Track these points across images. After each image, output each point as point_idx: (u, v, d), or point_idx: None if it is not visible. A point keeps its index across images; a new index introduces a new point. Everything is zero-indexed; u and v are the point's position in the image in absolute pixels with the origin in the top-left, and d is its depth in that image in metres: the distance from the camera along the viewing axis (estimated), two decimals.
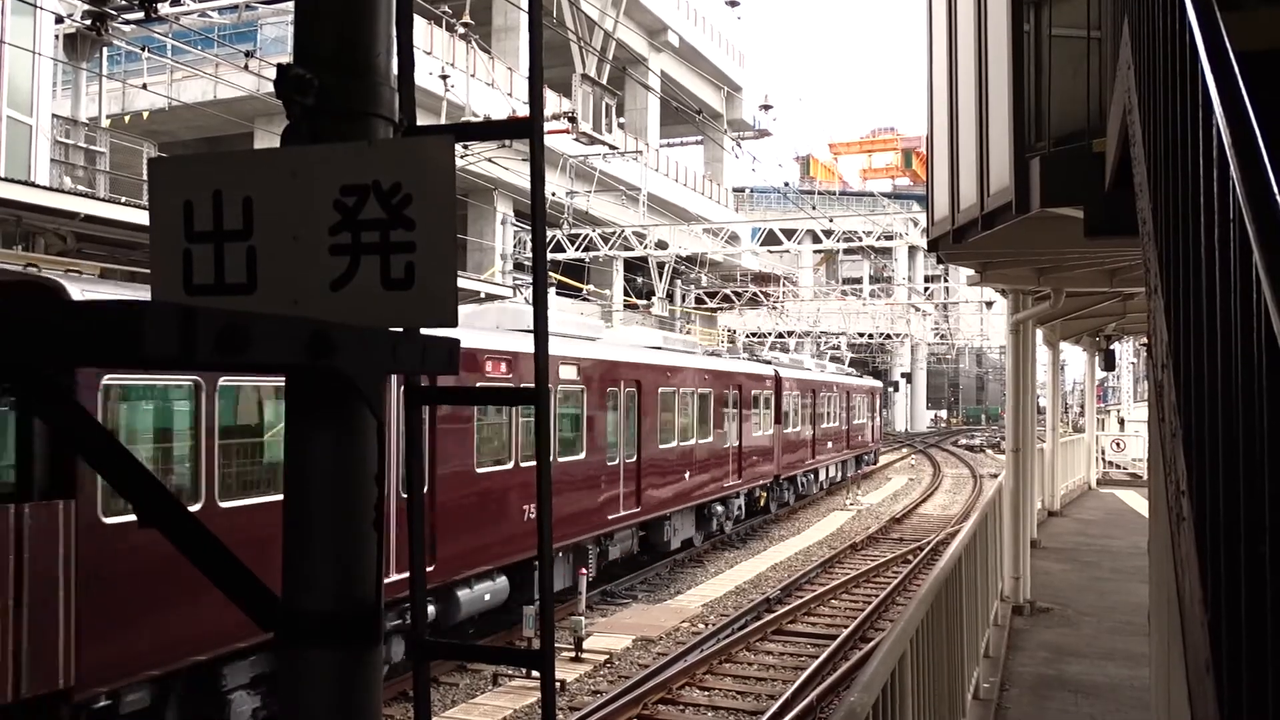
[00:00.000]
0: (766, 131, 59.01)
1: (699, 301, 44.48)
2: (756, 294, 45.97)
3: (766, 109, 55.71)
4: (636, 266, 39.97)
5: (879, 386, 40.93)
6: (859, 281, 68.72)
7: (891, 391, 66.71)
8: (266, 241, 1.96)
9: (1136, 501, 19.93)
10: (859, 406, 33.82)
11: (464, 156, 20.87)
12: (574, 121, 21.20)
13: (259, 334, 1.44)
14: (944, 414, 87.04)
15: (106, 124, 18.91)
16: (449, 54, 26.91)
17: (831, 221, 34.61)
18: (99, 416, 6.85)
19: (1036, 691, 8.02)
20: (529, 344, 15.30)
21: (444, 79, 22.36)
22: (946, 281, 54.67)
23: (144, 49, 19.23)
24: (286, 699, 1.99)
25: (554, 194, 28.42)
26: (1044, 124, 7.25)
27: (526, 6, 2.32)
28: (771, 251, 43.94)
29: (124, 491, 1.76)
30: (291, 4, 2.12)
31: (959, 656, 6.27)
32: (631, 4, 40.02)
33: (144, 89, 19.18)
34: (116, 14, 16.18)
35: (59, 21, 16.61)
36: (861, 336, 56.13)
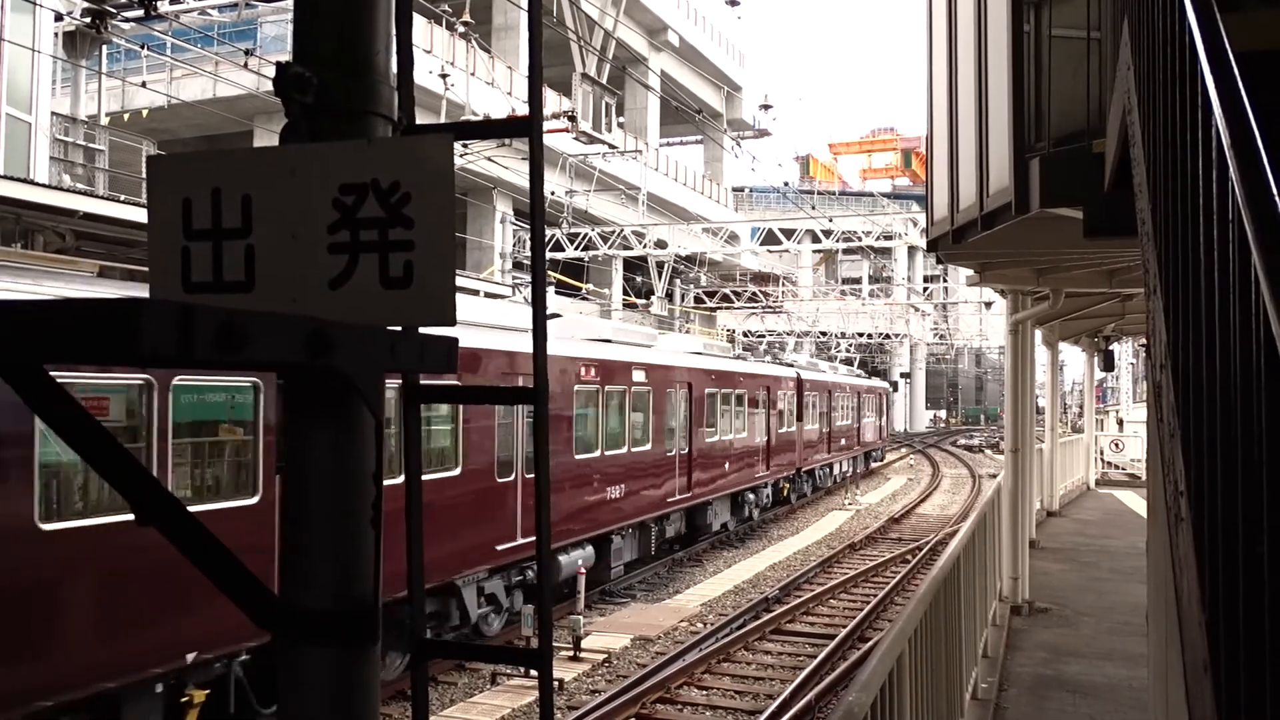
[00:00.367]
0: (766, 131, 59.00)
1: (698, 301, 44.49)
2: (756, 293, 45.96)
3: (766, 109, 55.67)
4: (636, 266, 39.98)
5: (886, 387, 43.33)
6: (858, 281, 68.75)
7: (891, 391, 66.66)
8: (265, 240, 1.96)
9: (1135, 502, 19.94)
10: (868, 406, 36.10)
11: (463, 155, 20.88)
12: (573, 120, 21.21)
13: (257, 332, 1.44)
14: (943, 414, 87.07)
15: (106, 122, 18.92)
16: (449, 53, 26.91)
17: (831, 221, 34.61)
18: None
19: (1035, 691, 8.03)
20: (605, 352, 14.53)
21: (444, 78, 22.35)
22: (946, 282, 54.67)
23: (143, 47, 19.23)
24: (285, 697, 1.98)
25: (553, 193, 28.41)
26: (1044, 124, 7.25)
27: (526, 5, 2.32)
28: (771, 251, 43.92)
29: (122, 490, 1.75)
30: (291, 2, 2.12)
31: (957, 656, 6.28)
32: (631, 3, 40.02)
33: (143, 87, 19.18)
34: (116, 12, 16.18)
35: (59, 19, 16.62)
36: (861, 336, 56.14)
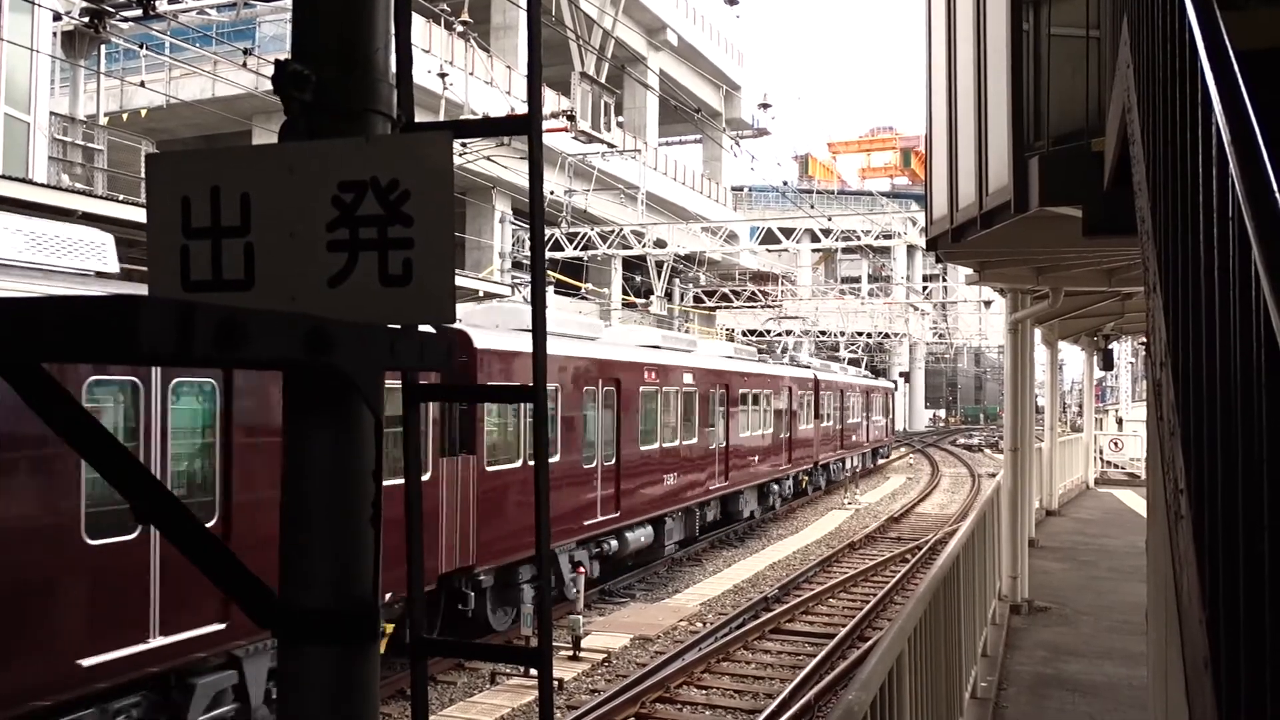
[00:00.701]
0: (765, 130, 58.96)
1: (697, 300, 44.48)
2: (755, 293, 45.96)
3: (765, 108, 55.71)
4: (635, 265, 39.97)
5: (891, 387, 46.41)
6: (857, 280, 68.75)
7: (895, 391, 66.70)
8: (264, 238, 1.96)
9: (1134, 501, 19.95)
10: (876, 405, 38.80)
11: (462, 154, 20.87)
12: (572, 120, 21.21)
13: (257, 330, 1.44)
14: (942, 413, 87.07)
15: (104, 121, 18.90)
16: (447, 52, 26.90)
17: (830, 220, 34.61)
18: None
19: (1034, 690, 8.03)
20: (661, 357, 16.06)
21: (442, 77, 22.34)
22: (945, 281, 54.71)
23: (142, 46, 19.20)
24: (285, 696, 1.98)
25: (552, 192, 28.40)
26: (1043, 123, 7.24)
27: (525, 5, 2.31)
28: (770, 250, 43.95)
29: (121, 489, 1.75)
30: (289, 1, 2.11)
31: (957, 655, 6.27)
32: (630, 2, 40.01)
33: (142, 86, 19.17)
34: (115, 11, 16.16)
35: (57, 19, 16.60)
36: (860, 336, 56.15)
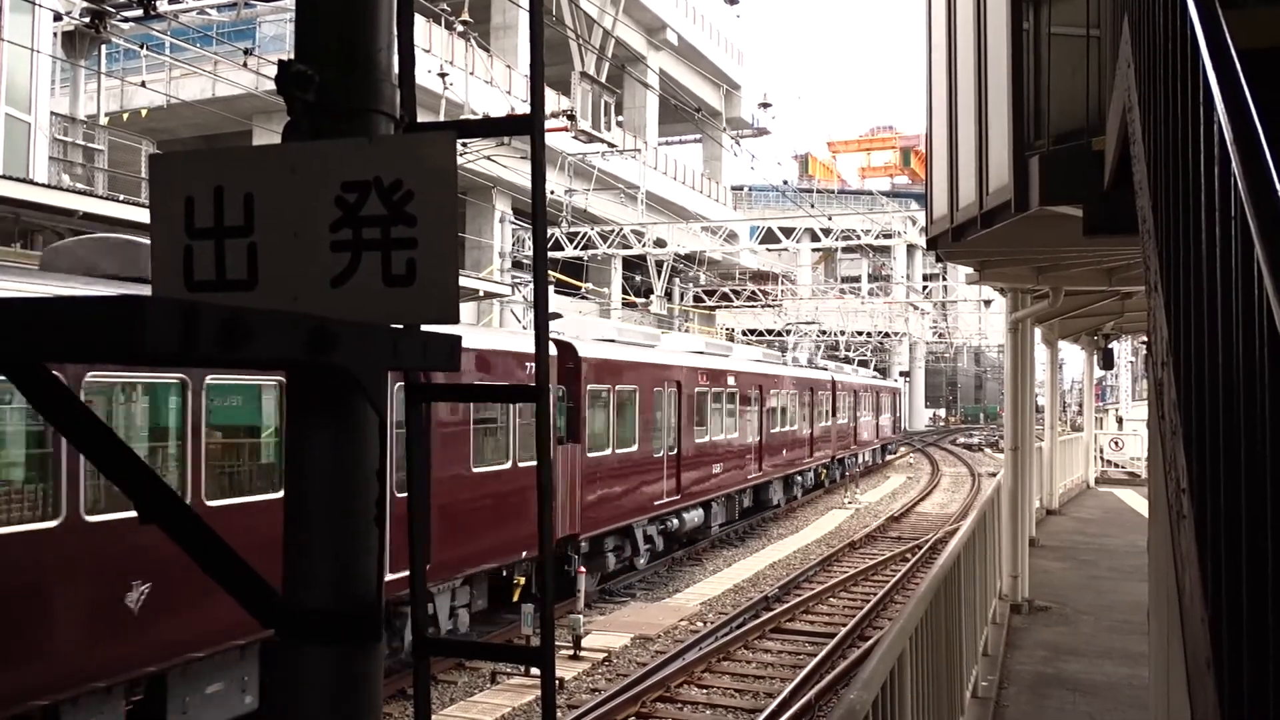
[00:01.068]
0: (765, 130, 58.95)
1: (697, 300, 44.48)
2: (755, 292, 45.97)
3: (765, 107, 55.70)
4: (635, 264, 39.96)
5: (899, 387, 50.00)
6: (857, 280, 68.69)
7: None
8: (267, 238, 1.96)
9: (1134, 500, 19.95)
10: (885, 404, 41.96)
11: (463, 154, 20.85)
12: (573, 119, 21.21)
13: (260, 329, 1.44)
14: (942, 413, 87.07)
15: (105, 121, 18.90)
16: (448, 52, 26.89)
17: (830, 220, 34.60)
18: None
19: (1035, 690, 8.03)
20: (709, 361, 17.48)
21: (443, 77, 22.34)
22: (945, 280, 54.68)
23: (143, 46, 19.21)
24: (287, 695, 1.98)
25: (553, 192, 28.39)
26: (1043, 122, 7.24)
27: (527, 4, 2.31)
28: (770, 250, 43.94)
29: (123, 487, 1.75)
30: (290, 1, 2.12)
31: (958, 655, 6.28)
32: (630, 2, 40.04)
33: (142, 86, 19.17)
34: (115, 11, 16.16)
35: (58, 19, 16.60)
36: (860, 335, 56.14)
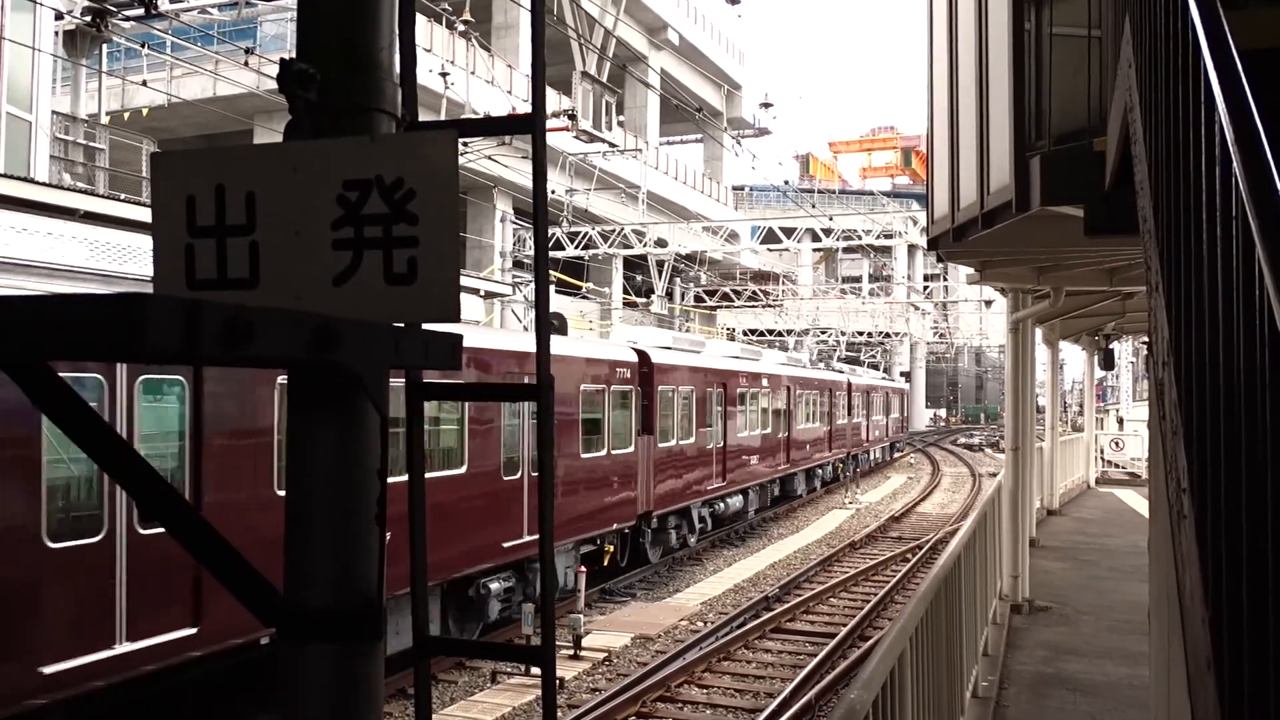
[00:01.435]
0: (766, 130, 58.97)
1: (698, 300, 44.47)
2: (756, 292, 45.97)
3: (766, 107, 55.73)
4: (636, 264, 39.96)
5: (905, 387, 53.21)
6: (858, 280, 68.67)
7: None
8: (269, 236, 1.96)
9: (1135, 500, 19.95)
10: (894, 404, 45.43)
11: (464, 154, 20.83)
12: (574, 119, 21.20)
13: (262, 328, 1.44)
14: (943, 413, 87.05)
15: (106, 121, 18.90)
16: (449, 52, 26.90)
17: (831, 220, 34.57)
18: None
19: (1035, 690, 8.03)
20: (743, 365, 19.20)
21: (444, 76, 22.34)
22: (946, 280, 54.65)
23: (144, 46, 19.19)
24: (287, 694, 1.98)
25: (554, 191, 28.39)
26: (1044, 123, 7.24)
27: (528, 4, 2.32)
28: (771, 250, 43.91)
29: (125, 485, 1.75)
30: (292, 0, 2.12)
31: (958, 655, 6.28)
32: (631, 2, 40.02)
33: (144, 85, 19.18)
34: (116, 10, 16.16)
35: (59, 18, 16.60)
36: (861, 335, 56.14)
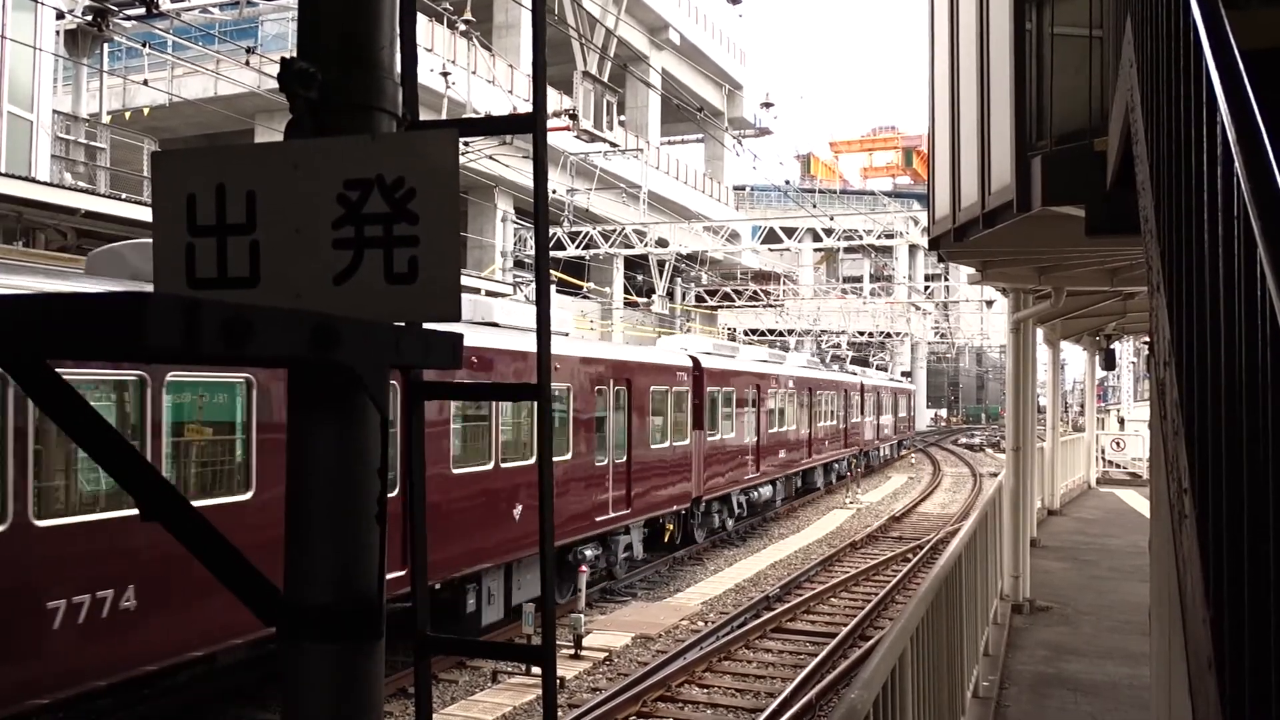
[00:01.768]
0: (767, 129, 58.97)
1: (699, 299, 44.48)
2: (757, 292, 45.97)
3: (767, 107, 55.64)
4: (637, 264, 39.98)
5: (912, 388, 55.98)
6: (859, 280, 68.58)
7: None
8: (270, 235, 1.96)
9: (1136, 501, 19.94)
10: (902, 403, 48.01)
11: (465, 154, 20.86)
12: (575, 119, 21.20)
13: (262, 326, 1.44)
14: (944, 413, 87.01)
15: (107, 120, 18.91)
16: (450, 51, 26.90)
17: (832, 220, 34.61)
18: None
19: (1036, 690, 8.03)
20: (773, 368, 20.97)
21: (445, 76, 22.34)
22: (947, 280, 54.65)
23: (145, 45, 19.20)
24: (288, 693, 1.98)
25: (555, 191, 28.41)
26: (1045, 123, 7.23)
27: (529, 3, 2.31)
28: (772, 250, 43.94)
29: (125, 484, 1.75)
30: (293, 0, 2.12)
31: (959, 654, 6.28)
32: (633, 2, 40.00)
33: (145, 85, 19.19)
34: (118, 10, 16.17)
35: (60, 17, 16.60)
36: (862, 335, 56.12)
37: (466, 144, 19.59)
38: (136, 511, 1.70)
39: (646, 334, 35.97)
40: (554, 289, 31.33)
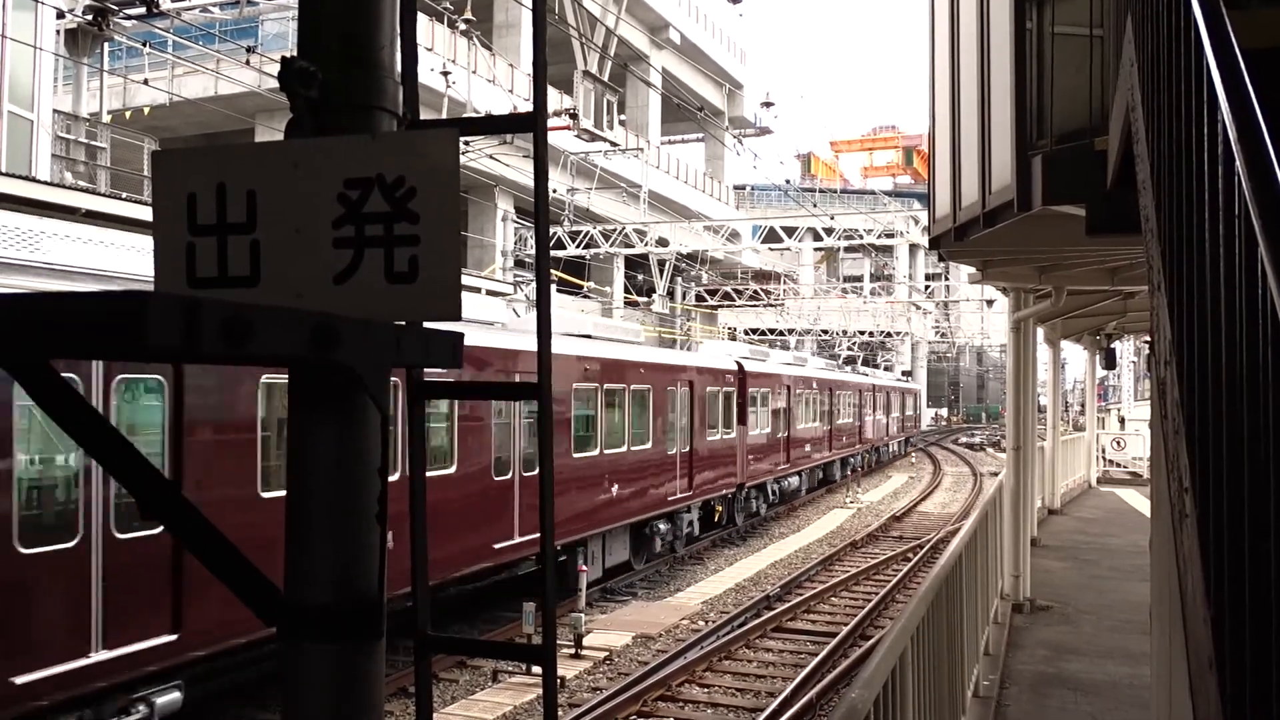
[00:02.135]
0: (768, 129, 58.90)
1: (699, 299, 44.46)
2: (757, 291, 45.95)
3: (768, 106, 55.51)
4: (637, 264, 39.95)
5: (919, 389, 58.88)
6: (860, 279, 68.56)
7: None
8: (270, 234, 1.96)
9: (1136, 500, 19.93)
10: (909, 402, 50.82)
11: (465, 153, 20.85)
12: (575, 118, 21.20)
13: (263, 326, 1.44)
14: (944, 412, 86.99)
15: (107, 119, 18.91)
16: (450, 50, 26.89)
17: (832, 219, 34.61)
18: None
19: (1036, 689, 8.02)
20: (800, 370, 21.15)
21: (445, 75, 22.34)
22: (947, 280, 54.67)
23: (145, 44, 19.20)
24: (288, 693, 1.98)
25: (555, 191, 28.41)
26: (1046, 122, 7.23)
27: (529, 2, 2.31)
28: (772, 249, 43.97)
29: (125, 484, 1.75)
30: None
31: (959, 654, 6.28)
32: (633, 1, 39.98)
33: (145, 84, 19.18)
34: (118, 9, 16.17)
35: (60, 16, 16.59)
36: (862, 335, 56.12)
37: (467, 143, 19.60)
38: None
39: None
40: (554, 288, 31.37)
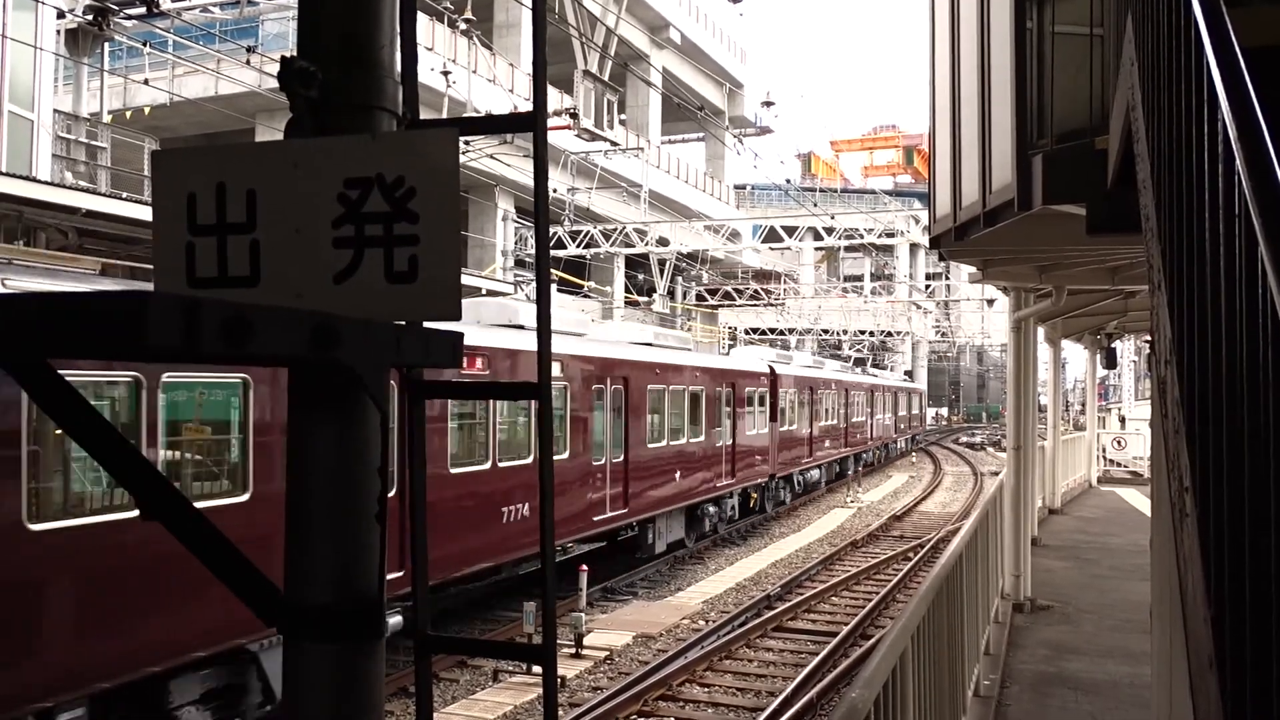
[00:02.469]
0: (768, 128, 58.86)
1: (699, 298, 44.45)
2: (757, 291, 45.93)
3: (768, 106, 55.47)
4: (637, 263, 39.93)
5: (923, 389, 60.87)
6: (860, 279, 68.49)
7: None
8: (270, 234, 1.96)
9: (1137, 499, 19.93)
10: (915, 403, 53.06)
11: (465, 153, 20.85)
12: (575, 118, 21.20)
13: (263, 326, 1.44)
14: (945, 412, 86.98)
15: (108, 119, 18.91)
16: (450, 50, 26.89)
17: (833, 219, 34.61)
18: None
19: (1037, 689, 8.02)
20: (819, 372, 21.18)
21: (445, 75, 22.34)
22: (948, 279, 54.65)
23: (145, 44, 19.20)
24: (288, 693, 1.98)
25: (555, 190, 28.41)
26: (1046, 121, 7.22)
27: (530, 2, 2.31)
28: (773, 249, 43.97)
29: (125, 484, 1.75)
30: None
31: (960, 653, 6.27)
32: (633, 0, 39.98)
33: (145, 84, 19.18)
34: (118, 9, 16.17)
35: (60, 16, 16.59)
36: (863, 334, 56.11)
37: (467, 143, 19.60)
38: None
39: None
40: (554, 288, 31.36)
